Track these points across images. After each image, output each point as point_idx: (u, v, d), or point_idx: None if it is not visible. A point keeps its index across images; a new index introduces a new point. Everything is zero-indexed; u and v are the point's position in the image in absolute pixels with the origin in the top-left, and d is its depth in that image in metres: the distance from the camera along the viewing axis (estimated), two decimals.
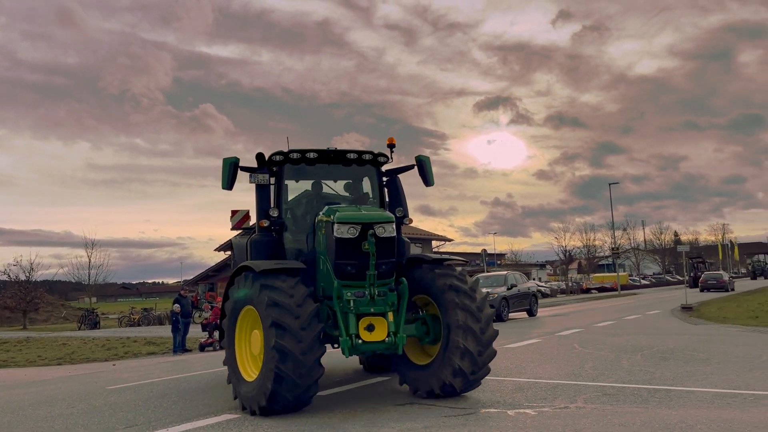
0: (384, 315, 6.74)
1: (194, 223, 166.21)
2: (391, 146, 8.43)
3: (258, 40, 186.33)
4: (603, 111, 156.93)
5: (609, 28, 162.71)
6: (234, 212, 9.69)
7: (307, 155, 7.95)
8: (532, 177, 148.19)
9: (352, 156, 8.19)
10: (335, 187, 8.69)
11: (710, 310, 23.41)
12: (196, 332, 21.43)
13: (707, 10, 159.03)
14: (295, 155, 7.95)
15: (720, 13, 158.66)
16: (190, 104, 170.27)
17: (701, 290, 44.64)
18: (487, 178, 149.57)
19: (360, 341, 6.56)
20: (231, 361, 7.14)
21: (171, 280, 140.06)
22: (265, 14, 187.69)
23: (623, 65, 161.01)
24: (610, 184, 60.84)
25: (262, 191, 8.02)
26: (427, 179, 8.47)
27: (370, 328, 6.64)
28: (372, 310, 6.70)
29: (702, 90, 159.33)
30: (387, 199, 8.57)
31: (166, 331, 25.29)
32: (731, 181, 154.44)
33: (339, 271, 6.83)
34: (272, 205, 8.00)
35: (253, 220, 9.43)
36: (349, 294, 6.69)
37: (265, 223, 7.80)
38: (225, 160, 7.85)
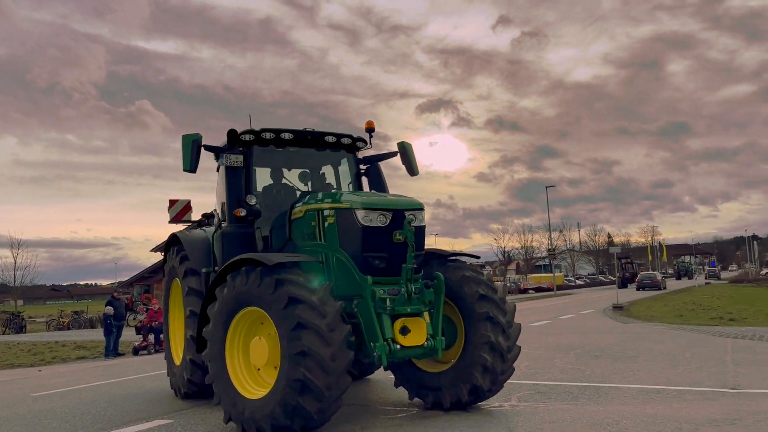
0: (420, 315, 5.97)
1: (130, 223, 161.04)
2: (370, 131, 7.66)
3: (198, 35, 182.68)
4: (541, 116, 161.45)
5: (547, 35, 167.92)
6: (172, 202, 8.62)
7: (282, 136, 7.16)
8: (472, 179, 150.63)
9: (330, 139, 7.44)
10: (289, 176, 7.84)
11: (639, 309, 24.40)
12: (130, 335, 20.77)
13: (639, 21, 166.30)
14: (267, 135, 7.12)
15: (651, 24, 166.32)
16: (126, 100, 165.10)
17: (638, 288, 48.18)
18: (429, 179, 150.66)
19: (398, 346, 5.70)
20: (221, 377, 5.83)
21: (105, 282, 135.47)
22: (206, 10, 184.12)
23: (561, 71, 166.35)
24: (547, 187, 62.81)
25: (233, 175, 7.00)
26: (412, 167, 7.85)
27: (404, 330, 5.81)
28: (408, 309, 5.88)
29: (634, 97, 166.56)
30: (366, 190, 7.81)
31: (98, 335, 24.38)
32: (660, 185, 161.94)
33: (366, 266, 5.92)
34: (244, 192, 7.01)
35: (197, 212, 8.75)
36: (382, 292, 5.79)
37: (242, 213, 6.81)
38: (186, 138, 6.82)
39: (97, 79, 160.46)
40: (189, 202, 8.68)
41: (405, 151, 7.83)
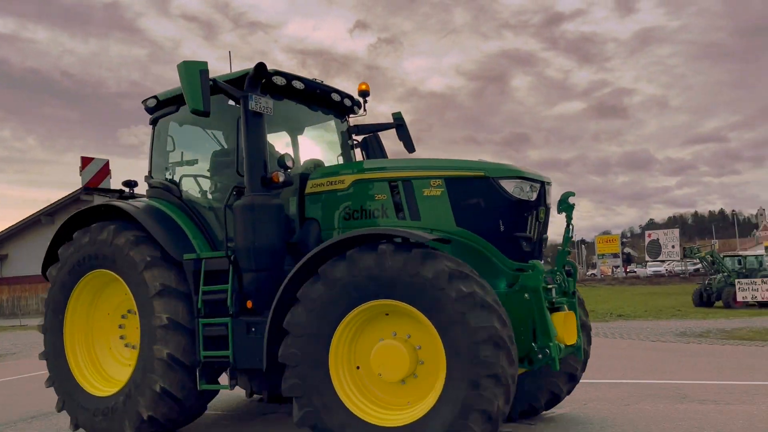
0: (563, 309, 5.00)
1: None
2: (365, 94, 6.38)
3: (33, 15, 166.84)
4: None
5: (402, 43, 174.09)
6: (86, 161, 6.26)
7: (293, 84, 5.64)
8: None
9: (336, 97, 6.14)
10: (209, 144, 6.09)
11: None
12: None
13: (487, 36, 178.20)
14: (279, 80, 5.50)
15: (498, 40, 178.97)
16: None
17: None
18: None
19: (563, 346, 4.71)
20: (332, 408, 4.30)
21: None
22: None
23: (415, 80, 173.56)
24: None
25: (257, 124, 5.21)
26: (410, 143, 6.79)
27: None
28: (565, 303, 4.99)
29: (481, 108, 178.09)
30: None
31: None
32: None
33: (511, 249, 4.78)
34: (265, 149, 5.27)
35: (115, 176, 6.71)
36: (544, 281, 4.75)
37: (281, 177, 5.15)
38: (189, 66, 4.82)
39: None
40: (107, 162, 6.83)
41: (403, 123, 6.74)
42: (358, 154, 6.66)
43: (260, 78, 5.25)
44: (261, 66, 5.16)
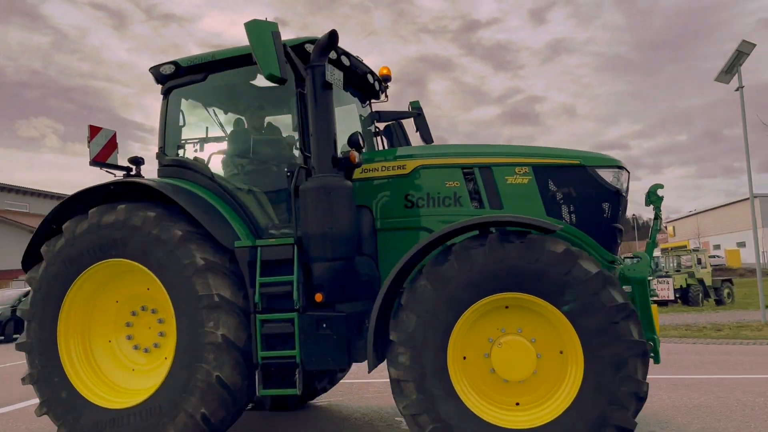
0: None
1: None
2: (386, 80, 5.92)
3: None
4: None
5: None
6: (94, 130, 5.45)
7: (341, 59, 5.12)
8: None
9: (370, 79, 5.66)
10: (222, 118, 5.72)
11: None
12: None
13: (407, 40, 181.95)
14: (331, 54, 4.91)
15: (417, 45, 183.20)
16: None
17: None
18: None
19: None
20: (453, 404, 3.90)
21: None
22: None
23: None
24: None
25: (326, 97, 4.55)
26: (428, 134, 6.33)
27: None
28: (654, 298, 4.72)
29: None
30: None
31: None
32: None
33: (608, 242, 4.51)
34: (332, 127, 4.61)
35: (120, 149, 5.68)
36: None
37: (358, 158, 4.58)
38: (258, 25, 4.34)
39: None
40: (115, 134, 5.57)
41: (422, 113, 6.30)
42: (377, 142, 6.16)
43: (332, 47, 4.65)
44: (334, 34, 4.49)
